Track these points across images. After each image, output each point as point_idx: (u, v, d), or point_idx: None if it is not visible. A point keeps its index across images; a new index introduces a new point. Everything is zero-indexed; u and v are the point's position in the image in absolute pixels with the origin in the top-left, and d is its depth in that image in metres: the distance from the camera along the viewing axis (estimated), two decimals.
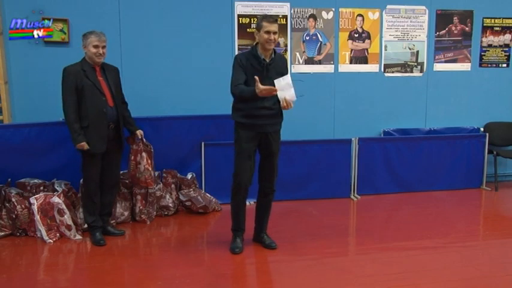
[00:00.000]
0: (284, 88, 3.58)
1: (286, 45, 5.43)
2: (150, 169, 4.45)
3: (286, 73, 3.77)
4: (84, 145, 3.94)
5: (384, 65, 5.71)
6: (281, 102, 3.61)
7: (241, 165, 3.77)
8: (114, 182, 4.31)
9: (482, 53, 5.97)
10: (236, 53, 5.26)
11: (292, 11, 5.40)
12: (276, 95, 3.58)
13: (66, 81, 3.95)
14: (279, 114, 3.82)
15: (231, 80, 3.74)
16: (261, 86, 3.49)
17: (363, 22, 5.60)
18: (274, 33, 3.66)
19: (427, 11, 5.74)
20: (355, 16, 5.57)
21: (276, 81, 3.58)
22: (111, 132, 4.08)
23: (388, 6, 5.65)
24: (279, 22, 5.34)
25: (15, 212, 4.19)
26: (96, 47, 3.94)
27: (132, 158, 4.40)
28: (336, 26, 5.54)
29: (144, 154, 4.39)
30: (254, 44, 3.83)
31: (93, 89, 3.96)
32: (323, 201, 5.26)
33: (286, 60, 4.06)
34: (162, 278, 3.48)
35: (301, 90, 4.81)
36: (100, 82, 4.01)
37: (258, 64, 3.71)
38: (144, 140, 4.40)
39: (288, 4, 5.39)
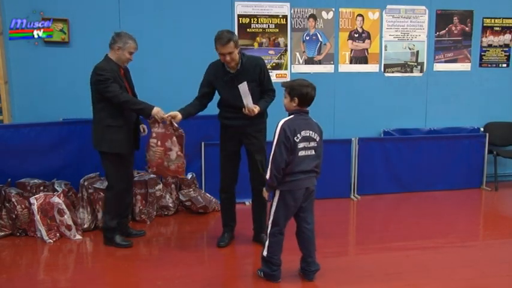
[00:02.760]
0: (245, 94, 3.60)
1: (286, 45, 5.43)
2: (182, 156, 3.86)
3: (263, 76, 3.77)
4: (159, 110, 3.79)
5: (384, 65, 5.71)
6: (245, 108, 3.65)
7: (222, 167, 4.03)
8: (132, 183, 4.32)
9: (482, 53, 5.97)
10: None
11: (292, 11, 5.40)
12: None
13: (106, 75, 3.76)
14: (258, 115, 3.78)
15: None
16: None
17: (363, 22, 5.60)
18: (229, 53, 3.59)
19: (427, 11, 5.73)
20: (355, 16, 5.57)
21: (239, 86, 3.60)
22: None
23: (388, 6, 5.65)
24: (278, 22, 5.37)
25: (15, 212, 4.19)
26: (131, 53, 3.92)
27: (159, 143, 3.81)
28: (336, 26, 5.54)
29: (174, 139, 3.82)
30: None
31: (124, 90, 3.91)
32: (323, 201, 5.25)
33: (260, 64, 3.80)
34: (162, 278, 3.48)
35: None
36: (125, 83, 3.99)
37: (224, 75, 3.75)
38: (175, 124, 3.81)
39: (288, 4, 5.38)
